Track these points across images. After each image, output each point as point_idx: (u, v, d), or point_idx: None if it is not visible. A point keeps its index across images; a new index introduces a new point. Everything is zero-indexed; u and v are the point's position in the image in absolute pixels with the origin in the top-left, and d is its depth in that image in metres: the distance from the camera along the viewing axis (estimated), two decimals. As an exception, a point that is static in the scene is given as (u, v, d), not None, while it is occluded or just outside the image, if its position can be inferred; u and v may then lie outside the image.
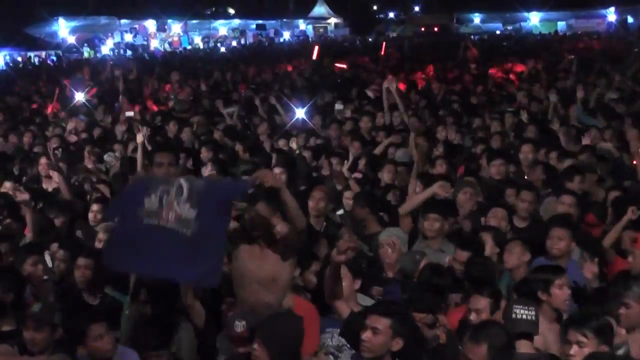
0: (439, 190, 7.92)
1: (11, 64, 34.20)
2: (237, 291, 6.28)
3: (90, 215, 8.80)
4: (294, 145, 12.48)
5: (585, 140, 10.84)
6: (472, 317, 5.80)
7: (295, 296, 6.27)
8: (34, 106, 18.70)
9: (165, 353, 5.84)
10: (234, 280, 6.30)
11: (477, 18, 56.28)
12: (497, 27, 54.07)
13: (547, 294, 5.88)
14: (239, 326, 5.43)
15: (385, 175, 10.05)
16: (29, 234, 8.16)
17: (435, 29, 54.57)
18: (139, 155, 9.33)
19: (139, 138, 9.47)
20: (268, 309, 5.91)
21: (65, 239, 8.05)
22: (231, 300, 6.48)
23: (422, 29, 55.16)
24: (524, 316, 5.36)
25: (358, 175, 10.26)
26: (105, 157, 12.06)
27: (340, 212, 9.19)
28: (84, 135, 13.74)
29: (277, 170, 9.45)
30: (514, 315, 5.38)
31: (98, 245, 7.73)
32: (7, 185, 9.73)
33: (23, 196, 8.06)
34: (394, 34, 52.20)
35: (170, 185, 5.70)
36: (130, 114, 14.68)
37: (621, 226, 7.60)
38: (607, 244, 7.60)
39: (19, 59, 36.90)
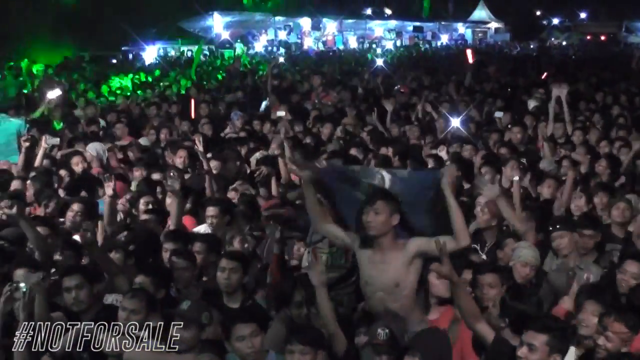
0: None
1: (166, 57, 34.22)
2: (367, 302, 6.16)
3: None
4: (442, 153, 11.41)
5: None
6: None
7: (447, 308, 6.04)
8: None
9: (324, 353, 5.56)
10: (363, 290, 6.18)
11: (648, 27, 53.87)
12: (670, 38, 51.25)
13: None
14: (382, 334, 5.49)
15: (545, 190, 9.44)
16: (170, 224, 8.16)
17: (602, 38, 52.70)
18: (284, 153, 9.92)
19: (282, 135, 10.88)
20: (394, 318, 5.83)
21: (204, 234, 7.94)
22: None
23: (588, 37, 53.30)
24: None
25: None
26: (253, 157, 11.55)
27: None
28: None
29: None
30: None
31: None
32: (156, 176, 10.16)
33: (174, 184, 8.02)
34: (558, 42, 50.31)
35: (371, 178, 6.24)
36: (281, 114, 14.48)
37: None
38: None
39: (172, 52, 36.95)
